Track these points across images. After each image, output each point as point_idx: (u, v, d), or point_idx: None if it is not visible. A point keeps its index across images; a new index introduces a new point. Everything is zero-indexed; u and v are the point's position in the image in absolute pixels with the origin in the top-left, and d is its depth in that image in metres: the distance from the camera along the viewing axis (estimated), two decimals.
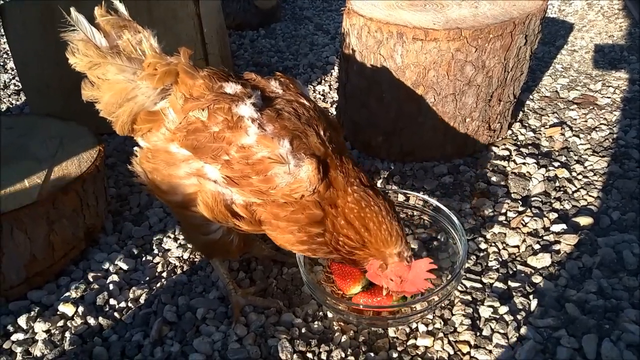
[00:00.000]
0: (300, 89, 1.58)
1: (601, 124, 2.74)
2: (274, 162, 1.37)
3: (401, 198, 2.06)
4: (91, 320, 1.81)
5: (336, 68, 3.52)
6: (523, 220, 2.11)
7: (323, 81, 3.44)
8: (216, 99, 1.43)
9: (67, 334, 1.76)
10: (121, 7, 1.62)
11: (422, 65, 2.25)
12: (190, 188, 1.52)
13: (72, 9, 1.55)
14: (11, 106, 3.35)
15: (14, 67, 3.65)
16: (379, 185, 2.41)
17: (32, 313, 1.83)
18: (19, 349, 1.71)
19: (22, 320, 1.80)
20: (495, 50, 2.23)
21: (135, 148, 1.68)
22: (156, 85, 1.50)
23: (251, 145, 1.38)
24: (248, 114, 1.40)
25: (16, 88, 3.55)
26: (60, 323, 1.80)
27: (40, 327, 1.78)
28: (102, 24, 1.56)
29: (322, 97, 3.25)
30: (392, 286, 1.53)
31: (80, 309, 1.84)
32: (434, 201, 1.92)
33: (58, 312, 1.85)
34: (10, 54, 3.50)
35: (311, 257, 1.74)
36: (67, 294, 1.92)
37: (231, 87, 1.46)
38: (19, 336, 1.76)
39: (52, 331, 1.78)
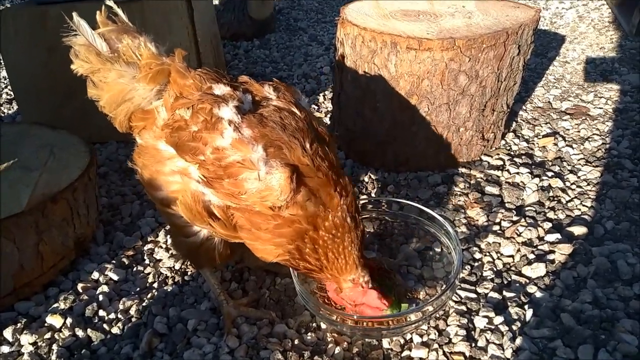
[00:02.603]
0: (295, 98, 1.57)
1: (594, 134, 2.75)
2: (244, 167, 1.35)
3: (395, 207, 2.04)
4: (79, 332, 1.77)
5: (330, 78, 3.53)
6: (517, 229, 2.10)
7: (317, 91, 3.44)
8: (201, 99, 1.44)
9: (55, 347, 1.72)
10: (120, 13, 1.68)
11: (416, 74, 2.25)
12: (174, 185, 1.53)
13: (74, 14, 1.59)
14: (3, 115, 3.33)
15: (6, 76, 3.63)
16: (372, 194, 2.40)
17: (19, 325, 1.79)
18: None
19: (8, 333, 1.76)
20: (489, 60, 2.24)
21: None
22: (149, 83, 1.54)
23: (225, 148, 1.37)
24: (228, 117, 1.39)
25: (8, 97, 3.52)
26: (48, 335, 1.76)
27: (26, 339, 1.74)
28: (103, 29, 1.62)
29: (316, 107, 3.25)
30: (348, 307, 1.60)
31: (69, 321, 1.80)
32: (429, 210, 1.90)
33: (45, 324, 1.81)
34: (2, 63, 3.49)
35: None
36: (55, 305, 1.88)
37: (220, 89, 1.47)
38: (4, 349, 1.72)
39: (39, 344, 1.73)
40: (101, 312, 1.85)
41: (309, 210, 1.41)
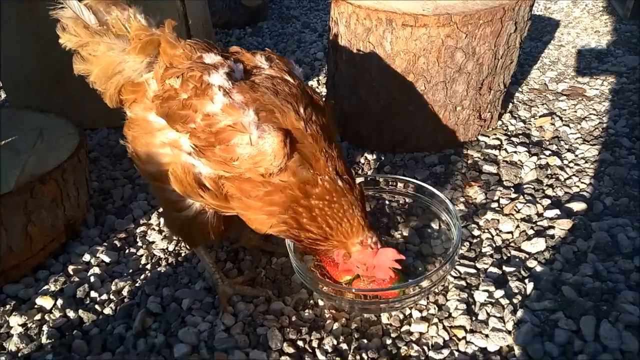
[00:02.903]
0: (288, 67, 1.53)
1: (590, 114, 2.73)
2: (235, 131, 1.31)
3: (393, 185, 2.00)
4: (71, 314, 1.72)
5: (324, 64, 3.49)
6: (516, 206, 2.07)
7: (311, 76, 3.40)
8: (191, 67, 1.41)
9: (45, 328, 1.67)
10: None
11: (411, 52, 2.22)
12: (165, 158, 1.49)
13: None
14: None
15: None
16: (370, 175, 2.37)
17: (8, 307, 1.74)
18: None
19: None
20: (486, 37, 2.21)
21: None
22: (138, 54, 1.51)
23: (216, 114, 1.34)
24: (218, 83, 1.36)
25: None
26: (38, 317, 1.72)
27: (15, 320, 1.69)
28: (91, 1, 1.57)
29: None
30: (360, 272, 1.52)
31: (59, 302, 1.76)
32: (428, 187, 1.87)
33: (35, 306, 1.76)
34: None
35: None
36: (45, 287, 1.84)
37: (211, 58, 1.44)
38: None
39: (29, 325, 1.69)
40: (93, 294, 1.81)
41: (301, 176, 1.36)
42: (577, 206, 2.05)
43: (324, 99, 1.51)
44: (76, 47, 1.58)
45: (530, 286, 1.70)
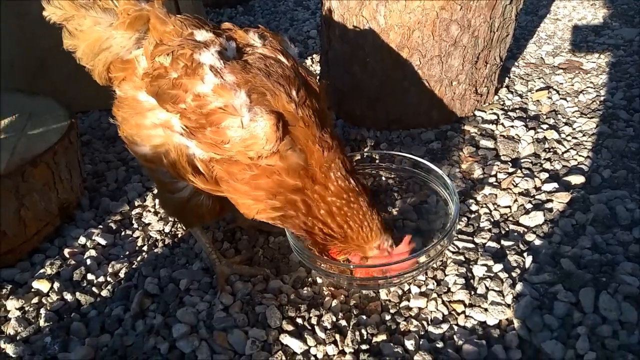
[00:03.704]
0: (282, 45, 1.49)
1: (588, 87, 2.70)
2: (226, 114, 1.28)
3: (390, 161, 1.98)
4: (68, 296, 1.71)
5: (317, 42, 3.44)
6: (514, 181, 2.06)
7: (305, 55, 3.34)
8: (181, 45, 1.36)
9: (42, 311, 1.66)
10: None
11: (406, 25, 2.18)
12: (156, 139, 1.46)
13: None
14: None
15: None
16: (366, 151, 2.35)
17: (4, 291, 1.73)
18: None
19: None
20: (481, 9, 2.17)
21: None
22: (127, 30, 1.46)
23: (207, 94, 1.30)
24: (209, 62, 1.32)
25: None
26: (35, 300, 1.71)
27: (12, 304, 1.68)
28: None
29: None
30: (376, 273, 1.52)
31: (56, 285, 1.75)
32: (425, 162, 1.85)
33: (32, 289, 1.75)
34: None
35: None
36: (41, 270, 1.82)
37: (202, 35, 1.40)
38: None
39: (26, 308, 1.68)
40: (90, 276, 1.79)
41: (290, 160, 1.33)
42: (575, 179, 2.04)
43: (318, 79, 1.48)
44: (61, 20, 1.53)
45: (529, 260, 1.69)
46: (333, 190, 1.37)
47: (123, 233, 1.99)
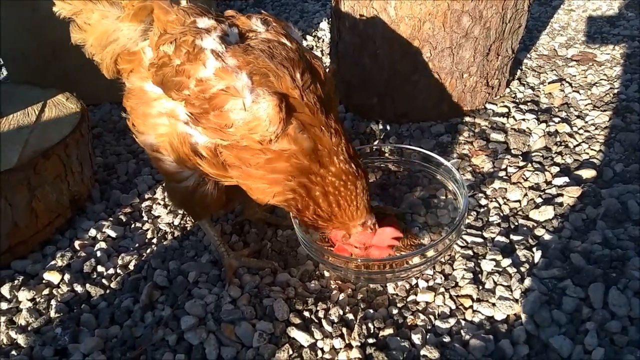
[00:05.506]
0: (286, 30, 1.47)
1: (601, 79, 2.66)
2: (228, 95, 1.28)
3: (399, 155, 1.97)
4: (78, 288, 1.73)
5: (328, 34, 3.42)
6: (524, 175, 2.04)
7: (315, 47, 3.33)
8: (183, 32, 1.37)
9: (53, 302, 1.68)
10: None
11: (417, 17, 2.15)
12: (161, 128, 1.48)
13: None
14: None
15: None
16: (375, 144, 2.34)
17: (16, 282, 1.76)
18: (2, 319, 1.64)
19: (5, 290, 1.73)
20: (493, 0, 2.13)
21: None
22: (132, 21, 1.48)
23: (209, 78, 1.30)
24: (211, 46, 1.32)
25: None
26: (46, 291, 1.73)
27: (24, 295, 1.71)
28: None
29: None
30: (356, 252, 1.53)
31: (67, 277, 1.77)
32: (435, 156, 1.84)
33: (43, 281, 1.77)
34: None
35: None
36: (52, 262, 1.84)
37: (204, 22, 1.40)
38: (2, 305, 1.69)
39: (37, 299, 1.70)
40: (100, 268, 1.81)
41: (304, 144, 1.33)
42: (587, 173, 2.02)
43: (324, 64, 1.47)
44: (70, 15, 1.56)
45: (538, 254, 1.68)
46: (334, 171, 1.38)
47: (133, 225, 2.01)
